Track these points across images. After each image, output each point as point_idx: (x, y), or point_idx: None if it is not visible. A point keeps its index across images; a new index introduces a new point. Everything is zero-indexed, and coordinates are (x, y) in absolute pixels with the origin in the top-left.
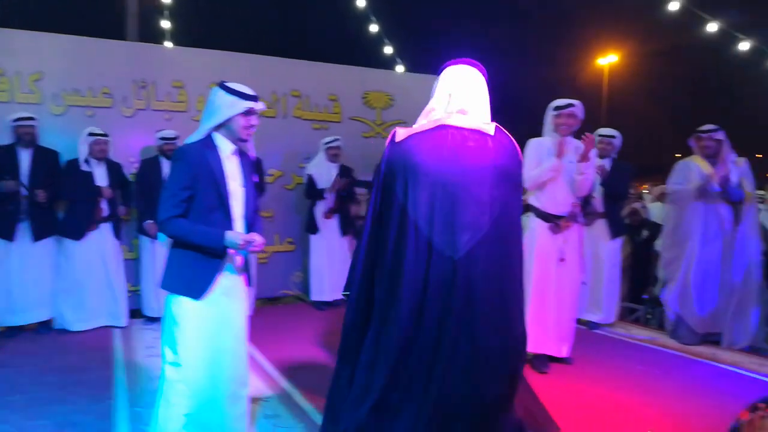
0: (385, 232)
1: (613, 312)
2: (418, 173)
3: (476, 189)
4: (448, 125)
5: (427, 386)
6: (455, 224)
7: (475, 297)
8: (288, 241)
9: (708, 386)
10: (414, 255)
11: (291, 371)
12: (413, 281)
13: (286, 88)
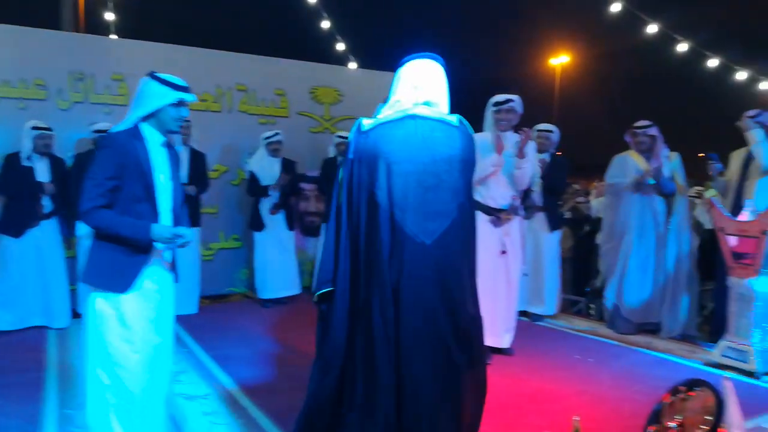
0: (356, 222)
1: (554, 304)
2: (389, 161)
3: (446, 176)
4: (416, 115)
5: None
6: (427, 211)
7: (448, 280)
8: (233, 238)
9: (641, 373)
10: (389, 243)
11: (233, 368)
12: (388, 270)
13: (232, 82)
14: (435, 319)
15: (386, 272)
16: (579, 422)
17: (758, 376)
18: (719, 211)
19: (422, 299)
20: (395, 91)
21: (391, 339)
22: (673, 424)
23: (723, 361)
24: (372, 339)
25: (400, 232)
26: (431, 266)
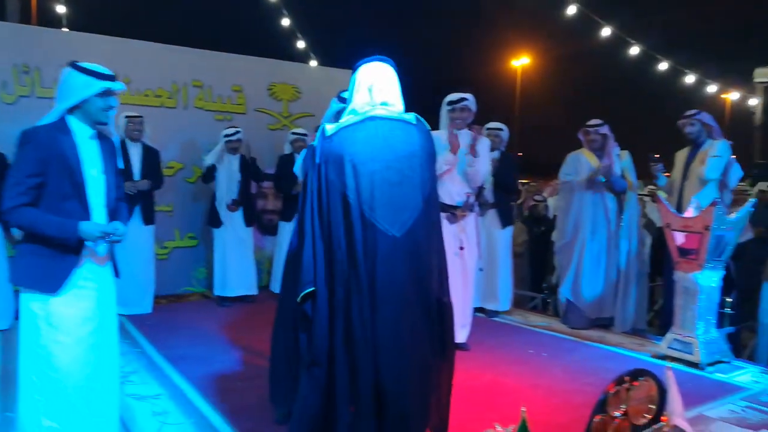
0: (328, 222)
1: (508, 299)
2: (355, 162)
3: (409, 172)
4: (375, 116)
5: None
6: (394, 205)
7: (419, 269)
8: (189, 236)
9: (593, 366)
10: (362, 239)
11: (187, 368)
12: (365, 264)
13: (187, 77)
14: (409, 306)
15: (362, 266)
16: (526, 413)
17: (702, 367)
18: (666, 207)
19: (397, 288)
20: (353, 95)
21: (368, 329)
22: (617, 413)
23: (669, 353)
24: (352, 333)
25: (372, 228)
26: (403, 257)
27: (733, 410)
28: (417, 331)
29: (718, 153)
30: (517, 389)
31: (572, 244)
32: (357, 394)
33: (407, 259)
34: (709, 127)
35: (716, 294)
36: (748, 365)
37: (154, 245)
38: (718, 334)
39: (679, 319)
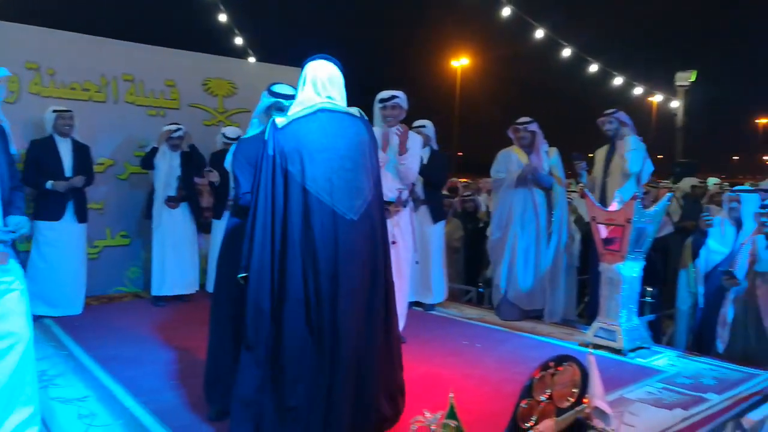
0: (287, 210)
1: (442, 292)
2: (311, 151)
3: (361, 159)
4: (325, 108)
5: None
6: (350, 191)
7: (373, 250)
8: (121, 235)
9: (524, 356)
10: (320, 225)
11: (117, 369)
12: (325, 249)
13: (117, 71)
14: (366, 282)
15: (321, 250)
16: (454, 399)
17: (625, 353)
18: (592, 202)
19: (357, 268)
20: (302, 89)
21: (327, 308)
22: (543, 397)
23: (595, 340)
24: (311, 313)
25: (332, 213)
26: (361, 239)
27: (651, 392)
28: (373, 307)
29: (633, 147)
30: (450, 380)
31: (503, 240)
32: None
33: (365, 240)
34: (625, 125)
35: (637, 284)
36: (665, 350)
37: (86, 244)
38: (639, 321)
39: (604, 308)
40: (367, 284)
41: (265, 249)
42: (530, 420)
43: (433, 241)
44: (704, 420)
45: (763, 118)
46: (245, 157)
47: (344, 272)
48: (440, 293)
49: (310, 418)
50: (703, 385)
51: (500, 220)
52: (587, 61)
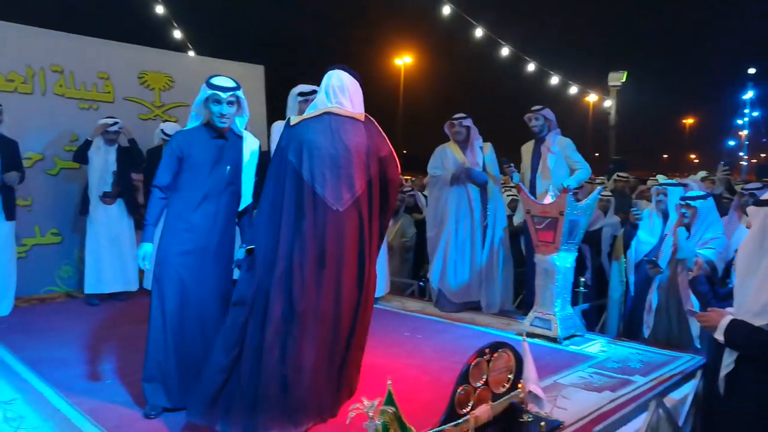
0: (284, 197)
1: (383, 285)
2: (311, 148)
3: (355, 159)
4: (331, 113)
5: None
6: (341, 185)
7: (360, 240)
8: (52, 233)
9: (463, 345)
10: (312, 209)
11: (47, 370)
12: (315, 236)
13: (45, 61)
14: (348, 268)
15: (309, 232)
16: (391, 385)
17: (560, 341)
18: (527, 195)
19: (340, 252)
20: (319, 94)
21: (312, 283)
22: (479, 383)
23: (531, 329)
24: (292, 287)
25: (321, 202)
26: (346, 227)
27: (582, 376)
28: (356, 283)
29: (552, 149)
30: (390, 370)
31: (438, 236)
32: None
33: (350, 229)
34: (550, 122)
35: (571, 274)
36: (598, 337)
37: (14, 243)
38: (573, 310)
39: (540, 298)
40: (352, 267)
41: (273, 227)
42: (467, 405)
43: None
44: (630, 400)
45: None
46: (175, 148)
47: (330, 253)
48: (381, 287)
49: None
50: (630, 368)
51: (435, 216)
52: (524, 60)
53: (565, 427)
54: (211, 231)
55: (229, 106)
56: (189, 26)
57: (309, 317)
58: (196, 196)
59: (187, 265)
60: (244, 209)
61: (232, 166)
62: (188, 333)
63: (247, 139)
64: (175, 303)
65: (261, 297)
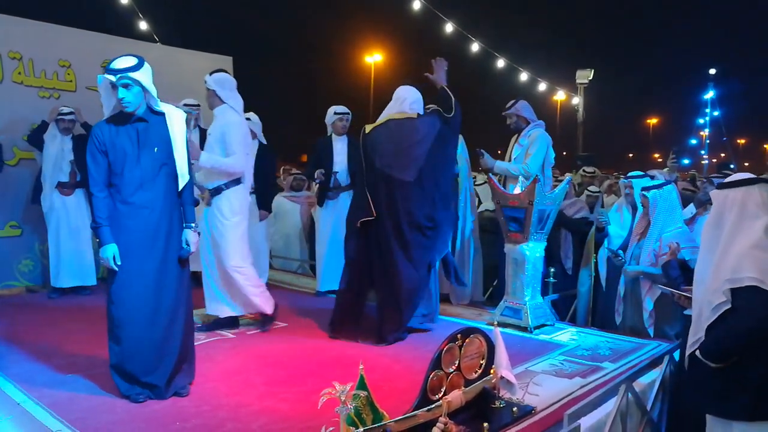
0: (372, 178)
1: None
2: (382, 144)
3: (410, 148)
4: (392, 119)
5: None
6: (403, 166)
7: (425, 202)
8: (11, 225)
9: (435, 335)
10: (385, 185)
11: (5, 365)
12: (386, 203)
13: (2, 48)
14: (421, 222)
15: (384, 202)
16: (363, 369)
17: (530, 330)
18: (496, 185)
19: (412, 214)
20: (391, 104)
21: (391, 239)
22: (452, 369)
23: (502, 319)
24: (385, 243)
25: (390, 177)
26: (415, 193)
27: (553, 364)
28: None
29: (521, 141)
30: (362, 358)
31: None
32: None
33: (421, 191)
34: (523, 118)
35: (541, 264)
36: (567, 326)
37: None
38: (543, 300)
39: (510, 287)
40: (421, 221)
41: (365, 200)
42: (440, 391)
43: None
44: (600, 386)
45: (653, 118)
46: (98, 144)
47: (401, 208)
48: None
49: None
50: (600, 355)
51: None
52: (494, 56)
53: (537, 413)
54: (153, 216)
55: (126, 89)
56: (154, 17)
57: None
58: (131, 185)
59: (140, 258)
60: (183, 188)
61: (159, 147)
62: (146, 317)
63: (170, 113)
64: (130, 292)
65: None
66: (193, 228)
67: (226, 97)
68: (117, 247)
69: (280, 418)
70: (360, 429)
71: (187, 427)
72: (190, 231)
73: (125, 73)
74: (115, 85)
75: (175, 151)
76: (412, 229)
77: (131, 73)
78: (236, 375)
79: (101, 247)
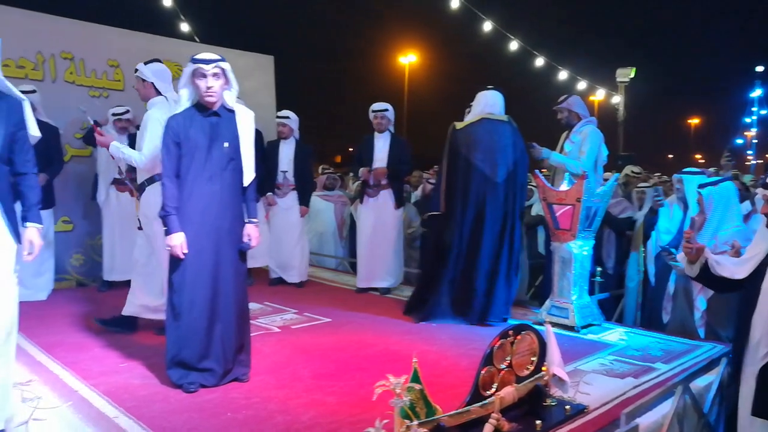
0: (457, 173)
1: (397, 276)
2: (477, 143)
3: (503, 148)
4: (484, 118)
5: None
6: (495, 165)
7: (510, 201)
8: (63, 220)
9: (480, 333)
10: (478, 182)
11: (62, 354)
12: (475, 198)
13: (55, 48)
14: (503, 219)
15: (473, 198)
16: (417, 363)
17: (577, 330)
18: (543, 182)
19: (499, 210)
20: (475, 105)
21: (476, 231)
22: (503, 365)
23: (548, 318)
24: (462, 235)
25: (484, 175)
26: (502, 192)
27: (603, 363)
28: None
29: (572, 138)
30: (408, 355)
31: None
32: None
33: (505, 193)
34: (574, 113)
35: (588, 262)
36: (615, 326)
37: (53, 227)
38: (590, 299)
39: (556, 286)
40: (504, 220)
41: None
42: (491, 387)
43: (392, 227)
44: (654, 386)
45: (695, 118)
46: (172, 134)
47: (487, 204)
48: (396, 277)
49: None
50: (652, 356)
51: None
52: (533, 54)
53: (589, 411)
54: (220, 210)
55: (215, 78)
56: (196, 18)
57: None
58: (200, 178)
59: (202, 248)
60: (248, 185)
61: (230, 142)
62: (204, 305)
63: (240, 112)
64: (190, 280)
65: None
66: (255, 223)
67: (164, 90)
68: (184, 236)
69: (329, 412)
70: (414, 422)
71: (239, 418)
72: (251, 226)
73: (218, 62)
74: (198, 74)
75: (242, 148)
76: (495, 224)
77: (222, 63)
78: (284, 368)
79: (168, 235)
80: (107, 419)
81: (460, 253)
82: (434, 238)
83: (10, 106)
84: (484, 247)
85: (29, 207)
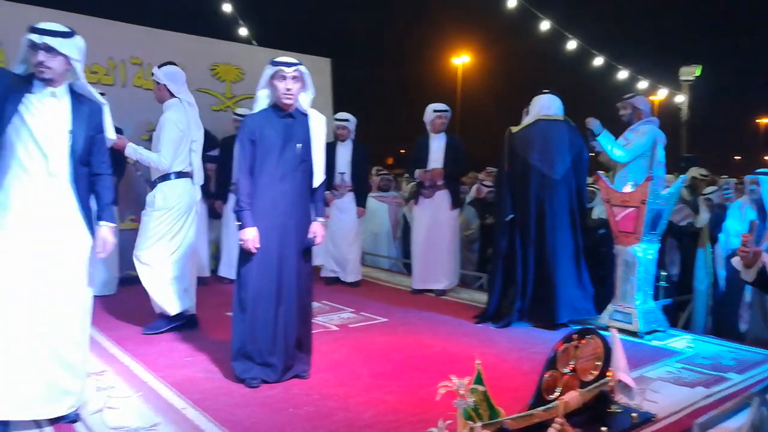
0: (517, 176)
1: (453, 277)
2: (535, 141)
3: (560, 146)
4: (540, 119)
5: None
6: (553, 164)
7: (572, 199)
8: (131, 219)
9: (541, 337)
10: (537, 180)
11: (132, 347)
12: (535, 198)
13: (125, 54)
14: (564, 216)
15: (533, 198)
16: (480, 365)
17: (641, 335)
18: (605, 184)
19: (558, 204)
20: (531, 108)
21: (534, 232)
22: (567, 369)
23: (611, 323)
24: (524, 237)
25: (541, 174)
26: (562, 189)
27: (670, 371)
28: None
29: (626, 136)
30: (467, 357)
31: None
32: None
33: (564, 191)
34: (639, 111)
35: (653, 266)
36: (682, 333)
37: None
38: (655, 304)
39: (619, 291)
40: (566, 217)
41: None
42: (554, 391)
43: (447, 228)
44: (727, 397)
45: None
46: (248, 132)
47: (548, 202)
48: (451, 279)
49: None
50: (723, 365)
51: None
52: (592, 54)
53: (658, 420)
54: (288, 208)
55: (294, 81)
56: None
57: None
58: (272, 176)
59: (269, 244)
60: (317, 186)
61: (302, 143)
62: (268, 301)
63: (314, 116)
64: (256, 275)
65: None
66: (321, 222)
67: (177, 91)
68: (256, 231)
69: (389, 410)
70: (478, 423)
71: (300, 414)
72: (317, 223)
73: (298, 66)
74: (278, 77)
75: (313, 151)
76: (560, 221)
77: (302, 67)
78: (343, 366)
79: (241, 229)
80: (175, 410)
81: (527, 255)
82: (501, 243)
83: (92, 110)
84: (550, 246)
85: (103, 206)
